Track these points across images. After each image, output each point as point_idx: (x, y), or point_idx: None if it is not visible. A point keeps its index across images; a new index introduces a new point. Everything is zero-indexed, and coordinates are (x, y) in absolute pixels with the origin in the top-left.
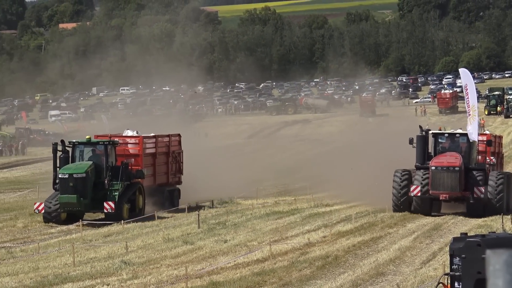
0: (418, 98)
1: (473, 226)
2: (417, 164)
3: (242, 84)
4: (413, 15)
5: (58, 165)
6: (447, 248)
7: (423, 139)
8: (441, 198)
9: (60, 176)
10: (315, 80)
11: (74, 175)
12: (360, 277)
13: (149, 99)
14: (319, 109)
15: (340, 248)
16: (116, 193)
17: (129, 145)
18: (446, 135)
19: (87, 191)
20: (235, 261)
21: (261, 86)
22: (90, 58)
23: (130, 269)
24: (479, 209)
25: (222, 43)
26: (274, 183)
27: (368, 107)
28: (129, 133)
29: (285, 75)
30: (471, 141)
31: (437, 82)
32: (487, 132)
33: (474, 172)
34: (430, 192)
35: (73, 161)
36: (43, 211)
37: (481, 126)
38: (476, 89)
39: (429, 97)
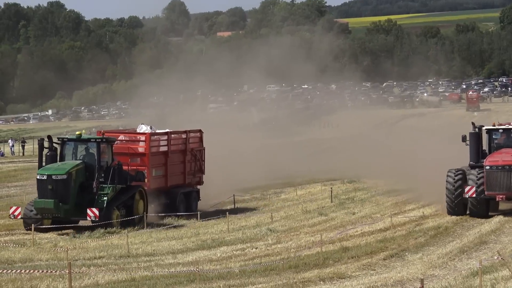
0: None
1: None
2: (471, 163)
3: (368, 83)
4: None
5: (44, 164)
6: None
7: (476, 136)
8: (497, 199)
9: (38, 177)
10: (429, 80)
11: (53, 177)
12: (466, 244)
13: (290, 95)
14: (432, 104)
15: (450, 220)
16: (104, 198)
17: (135, 143)
18: (501, 130)
19: (68, 195)
20: (361, 230)
21: (384, 85)
22: (243, 60)
23: (274, 235)
24: None
25: (352, 49)
26: (394, 165)
27: (473, 103)
28: (143, 128)
29: (404, 75)
30: None
31: None
32: None
33: None
34: (486, 193)
35: (61, 159)
36: (19, 217)
37: None
38: None
39: None
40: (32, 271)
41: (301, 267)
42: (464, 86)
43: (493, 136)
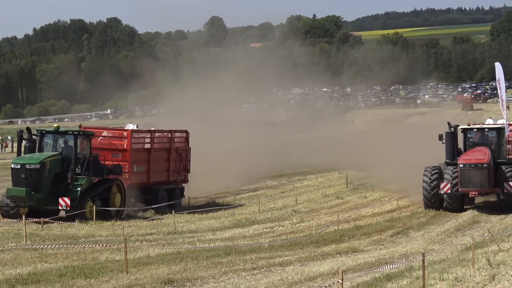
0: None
1: None
2: (447, 160)
3: (378, 87)
4: (501, 38)
5: (23, 154)
6: None
7: (452, 135)
8: (470, 196)
9: (12, 166)
10: (430, 84)
11: (27, 166)
12: (461, 224)
13: (312, 97)
14: (433, 104)
15: None
16: (78, 189)
17: (118, 140)
18: (475, 130)
19: (41, 184)
20: (372, 211)
21: (391, 88)
22: (272, 67)
23: (298, 215)
24: (510, 204)
25: (364, 58)
26: (400, 156)
27: (467, 104)
28: (130, 126)
29: (409, 80)
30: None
31: None
32: None
33: (504, 167)
34: (460, 189)
35: (40, 151)
36: None
37: None
38: None
39: None
40: (93, 245)
41: (321, 243)
42: (460, 89)
43: (468, 135)
